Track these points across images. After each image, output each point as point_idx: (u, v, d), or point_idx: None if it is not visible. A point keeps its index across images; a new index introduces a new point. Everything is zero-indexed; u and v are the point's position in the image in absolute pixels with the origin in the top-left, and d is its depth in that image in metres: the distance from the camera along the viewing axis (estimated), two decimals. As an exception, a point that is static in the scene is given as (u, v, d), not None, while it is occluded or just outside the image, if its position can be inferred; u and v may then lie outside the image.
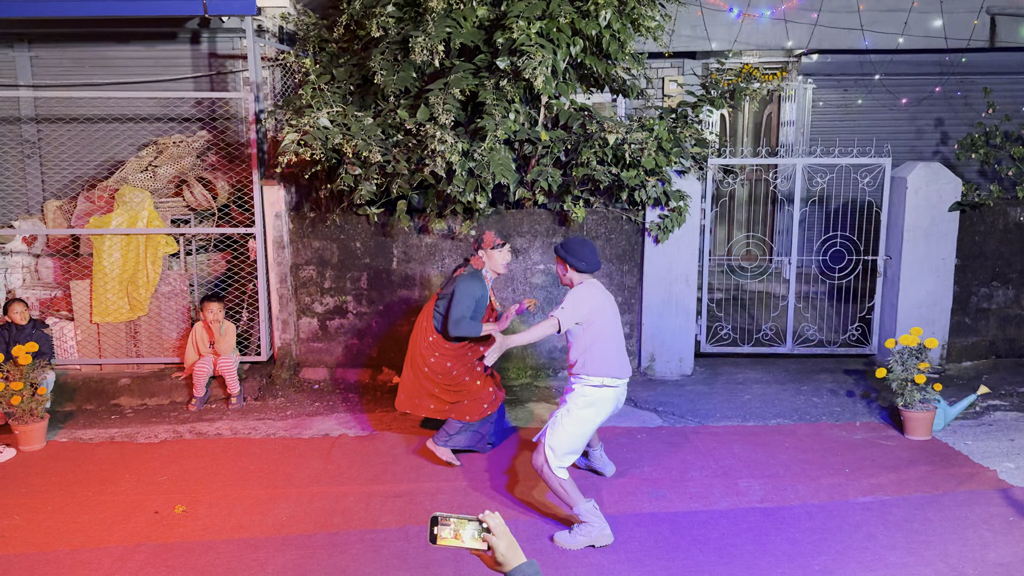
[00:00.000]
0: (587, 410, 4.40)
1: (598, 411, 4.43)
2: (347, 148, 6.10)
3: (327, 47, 7.17)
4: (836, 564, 4.03)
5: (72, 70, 7.69)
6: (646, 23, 6.49)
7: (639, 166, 6.51)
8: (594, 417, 4.42)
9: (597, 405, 4.42)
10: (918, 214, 7.09)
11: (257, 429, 6.01)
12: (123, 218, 6.65)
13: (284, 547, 4.25)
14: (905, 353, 5.71)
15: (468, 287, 5.02)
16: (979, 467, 5.17)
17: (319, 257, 7.00)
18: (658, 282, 6.99)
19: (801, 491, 4.86)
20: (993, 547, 4.17)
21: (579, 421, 4.37)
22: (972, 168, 8.99)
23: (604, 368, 4.40)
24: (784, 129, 9.44)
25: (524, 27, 5.96)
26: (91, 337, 6.78)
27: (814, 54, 9.15)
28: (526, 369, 7.10)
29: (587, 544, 4.24)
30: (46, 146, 7.77)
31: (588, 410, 4.40)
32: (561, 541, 4.27)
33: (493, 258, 5.13)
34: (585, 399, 4.41)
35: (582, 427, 4.38)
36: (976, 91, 9.04)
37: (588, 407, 4.40)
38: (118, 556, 4.16)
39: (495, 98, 6.23)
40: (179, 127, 7.75)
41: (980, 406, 6.33)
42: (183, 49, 7.70)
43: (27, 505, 4.76)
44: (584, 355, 4.42)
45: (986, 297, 7.55)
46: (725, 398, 6.58)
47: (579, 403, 4.40)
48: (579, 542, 4.25)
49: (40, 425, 5.69)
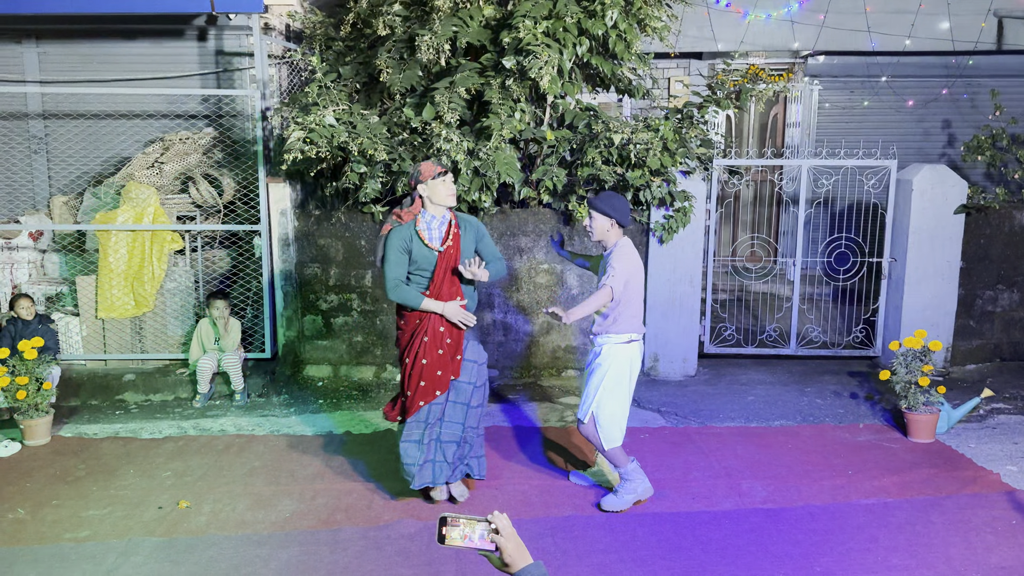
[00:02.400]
0: (623, 367, 4.53)
1: (632, 366, 4.58)
2: (352, 146, 6.11)
3: (333, 45, 7.18)
4: (838, 566, 4.03)
5: (80, 66, 7.71)
6: (652, 23, 6.49)
7: (644, 166, 6.51)
8: (630, 374, 4.58)
9: (631, 360, 4.57)
10: (923, 216, 7.08)
11: (261, 425, 6.03)
12: (129, 214, 6.67)
13: (287, 543, 4.26)
14: (909, 355, 5.70)
15: (389, 240, 4.36)
16: (982, 470, 5.17)
17: (324, 255, 7.02)
18: (662, 283, 6.99)
19: (804, 492, 4.86)
20: (996, 550, 4.17)
21: (618, 381, 4.52)
22: (978, 171, 8.97)
23: (630, 325, 4.54)
24: (790, 130, 9.43)
25: (530, 27, 5.97)
26: (96, 332, 6.80)
27: (820, 55, 9.14)
28: (529, 368, 7.10)
29: (634, 500, 4.61)
30: (53, 142, 7.79)
31: (624, 367, 4.53)
32: (610, 505, 4.58)
33: (436, 192, 4.33)
34: (617, 358, 4.53)
35: (622, 386, 4.54)
36: (983, 94, 9.02)
37: (623, 364, 4.53)
38: (122, 551, 4.18)
39: (501, 97, 6.23)
40: (185, 124, 7.77)
41: (984, 409, 6.32)
42: (190, 46, 7.72)
43: (32, 499, 4.79)
44: (615, 314, 4.51)
45: (991, 300, 7.53)
46: (728, 399, 6.58)
47: (613, 365, 4.52)
48: (626, 501, 4.59)
49: (45, 420, 5.71)
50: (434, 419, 4.47)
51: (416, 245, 4.35)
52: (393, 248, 4.33)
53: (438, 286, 4.38)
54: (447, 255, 4.37)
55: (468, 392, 4.53)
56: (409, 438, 4.46)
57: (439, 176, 4.32)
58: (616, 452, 4.59)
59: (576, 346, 7.12)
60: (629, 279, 4.49)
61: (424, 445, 4.47)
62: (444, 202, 4.35)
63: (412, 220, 4.39)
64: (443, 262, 4.36)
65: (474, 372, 4.54)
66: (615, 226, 4.52)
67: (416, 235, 4.35)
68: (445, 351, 4.41)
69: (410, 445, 4.46)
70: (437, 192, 4.32)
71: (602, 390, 4.52)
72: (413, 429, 4.46)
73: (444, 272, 4.37)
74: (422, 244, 4.35)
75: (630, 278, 4.49)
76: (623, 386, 4.56)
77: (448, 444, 4.52)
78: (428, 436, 4.47)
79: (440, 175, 4.32)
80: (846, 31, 8.73)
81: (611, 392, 4.52)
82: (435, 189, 4.32)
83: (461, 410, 4.53)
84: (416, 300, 4.34)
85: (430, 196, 4.34)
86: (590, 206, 4.52)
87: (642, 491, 4.63)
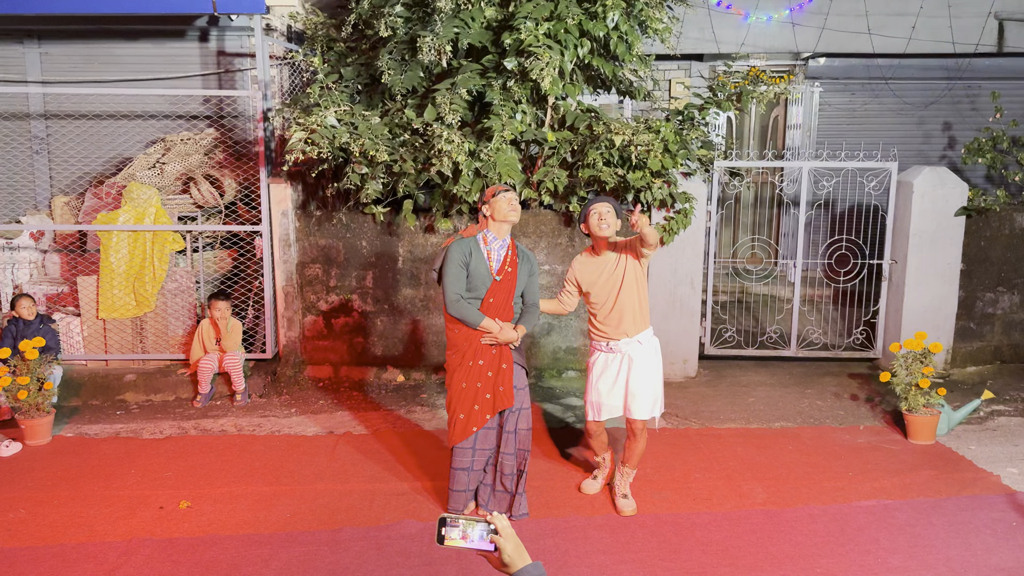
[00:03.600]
0: (660, 358, 4.71)
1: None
2: (354, 147, 6.12)
3: (335, 46, 7.19)
4: (839, 567, 4.03)
5: (81, 67, 7.73)
6: (654, 25, 6.50)
7: (645, 168, 6.51)
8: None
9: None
10: (924, 219, 7.09)
11: (261, 426, 6.03)
12: (130, 215, 6.68)
13: (288, 543, 4.27)
14: (909, 357, 5.71)
15: (449, 252, 4.38)
16: (982, 472, 5.17)
17: (325, 255, 7.03)
18: (663, 284, 6.99)
19: (804, 494, 4.86)
20: (996, 552, 4.17)
21: (660, 370, 4.69)
22: (979, 173, 8.97)
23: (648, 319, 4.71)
24: (790, 132, 9.44)
25: (532, 28, 5.98)
26: (97, 333, 6.81)
27: (821, 57, 9.15)
28: (530, 369, 7.11)
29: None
30: (55, 142, 7.80)
31: (660, 358, 4.71)
32: (629, 509, 4.63)
33: (498, 208, 4.38)
34: (657, 350, 4.68)
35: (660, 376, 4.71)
36: (983, 96, 9.03)
37: (658, 355, 4.70)
38: (123, 551, 4.18)
39: (502, 98, 6.24)
40: (187, 124, 7.78)
41: (984, 411, 6.32)
42: (192, 47, 7.73)
43: (33, 499, 4.79)
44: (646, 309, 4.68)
45: (991, 302, 7.54)
46: (729, 400, 6.58)
47: (657, 356, 4.67)
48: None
49: (46, 420, 5.72)
50: (488, 445, 4.48)
51: (475, 260, 4.36)
52: (453, 262, 4.34)
53: (492, 309, 4.38)
54: (504, 282, 4.40)
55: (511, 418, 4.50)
56: (460, 465, 4.48)
57: (500, 193, 4.39)
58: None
59: (577, 347, 7.12)
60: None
61: (472, 473, 4.49)
62: (506, 217, 4.37)
63: (474, 236, 4.44)
64: (497, 287, 4.39)
65: (516, 397, 4.49)
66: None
67: (476, 250, 4.38)
68: (499, 375, 4.40)
69: (460, 472, 4.49)
70: (499, 208, 4.36)
71: (660, 386, 4.66)
72: (461, 457, 4.47)
73: (500, 297, 4.39)
74: (482, 260, 4.38)
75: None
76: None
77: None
78: (476, 464, 4.48)
79: (502, 192, 4.39)
80: (847, 33, 8.74)
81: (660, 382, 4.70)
82: (497, 206, 4.37)
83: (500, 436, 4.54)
84: (476, 318, 4.32)
85: (492, 213, 4.39)
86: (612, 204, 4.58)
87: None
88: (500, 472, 4.51)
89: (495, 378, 4.39)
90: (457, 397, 4.42)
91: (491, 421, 4.43)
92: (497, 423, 4.48)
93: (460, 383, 4.41)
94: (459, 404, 4.41)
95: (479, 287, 4.36)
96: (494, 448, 4.50)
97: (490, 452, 4.50)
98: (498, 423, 4.48)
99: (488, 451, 4.48)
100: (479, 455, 4.46)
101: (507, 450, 4.47)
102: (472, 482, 4.50)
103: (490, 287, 4.37)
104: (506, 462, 4.49)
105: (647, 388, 4.55)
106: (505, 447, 4.47)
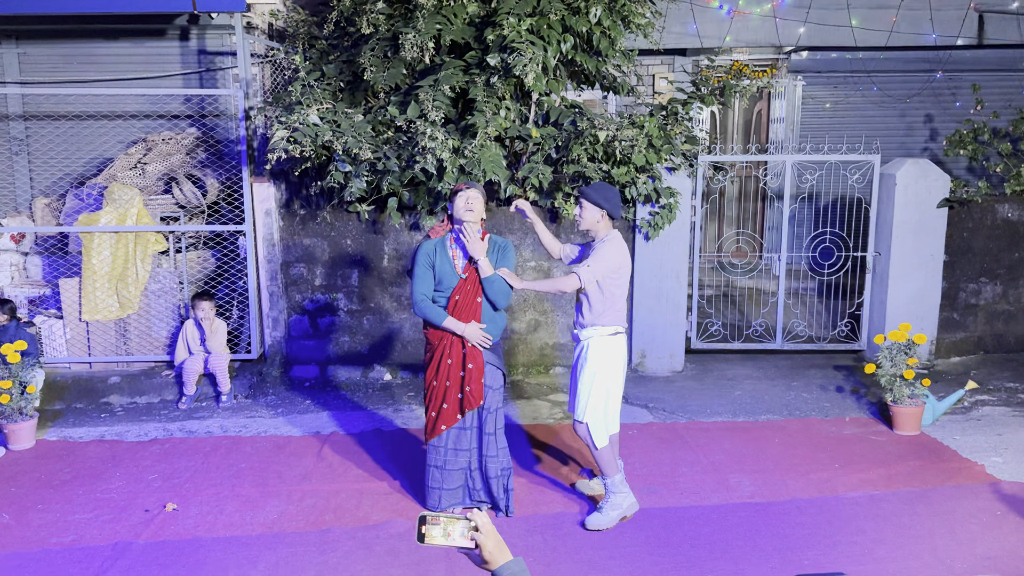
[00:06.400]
0: (611, 361, 4.41)
1: (620, 359, 4.47)
2: (337, 145, 6.08)
3: (317, 44, 7.15)
4: (826, 558, 4.05)
5: (60, 67, 7.65)
6: (636, 20, 6.50)
7: (629, 163, 6.52)
8: (619, 366, 4.46)
9: (618, 353, 4.45)
10: (907, 210, 7.13)
11: (247, 427, 6.00)
12: (112, 216, 6.62)
13: (275, 545, 4.24)
14: (894, 349, 5.74)
15: (416, 254, 4.46)
16: (967, 462, 5.21)
17: (309, 254, 6.99)
18: (648, 279, 7.01)
19: (791, 486, 4.88)
20: (981, 541, 4.20)
21: (608, 376, 4.41)
22: (961, 165, 9.04)
23: (616, 317, 4.44)
24: (774, 126, 9.47)
25: (515, 24, 5.96)
26: (80, 335, 6.75)
27: (804, 51, 9.18)
28: (517, 366, 7.11)
29: (620, 517, 4.41)
30: (34, 143, 7.72)
31: (612, 361, 4.42)
32: (595, 524, 4.37)
33: (455, 207, 4.37)
34: (607, 352, 4.41)
35: (613, 381, 4.44)
36: (965, 88, 9.10)
37: (615, 358, 4.43)
38: (108, 555, 4.15)
39: (486, 95, 6.23)
40: (168, 124, 7.72)
41: (968, 401, 6.37)
42: (172, 46, 7.67)
43: (17, 504, 4.74)
44: (601, 308, 4.40)
45: (974, 293, 7.60)
46: (715, 394, 6.61)
47: (604, 359, 4.41)
48: (612, 518, 4.39)
49: (29, 424, 5.66)
50: (464, 446, 4.47)
51: (440, 260, 4.39)
52: (419, 263, 4.41)
53: (458, 309, 4.38)
54: (470, 280, 4.38)
55: (480, 417, 4.48)
56: (433, 463, 4.50)
57: (459, 192, 4.36)
58: (606, 455, 4.42)
59: (563, 343, 7.13)
60: (616, 279, 4.41)
61: (446, 472, 4.48)
62: (462, 216, 4.33)
63: (441, 237, 4.49)
64: (463, 285, 4.38)
65: (487, 396, 4.46)
66: (605, 217, 4.42)
67: (442, 250, 4.40)
68: (467, 374, 4.40)
69: (433, 470, 4.50)
70: (456, 207, 4.36)
71: (596, 386, 4.40)
72: (434, 454, 4.49)
73: (464, 296, 4.38)
74: (447, 260, 4.39)
75: (617, 277, 4.42)
76: (617, 381, 4.48)
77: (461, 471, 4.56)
78: (450, 463, 4.47)
79: (462, 190, 4.36)
80: (829, 27, 8.77)
81: (604, 388, 4.42)
82: (455, 205, 4.37)
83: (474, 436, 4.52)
84: (439, 317, 4.36)
85: (452, 212, 4.40)
86: (581, 195, 4.42)
87: (627, 507, 4.46)
88: (485, 475, 4.51)
89: (465, 377, 4.39)
90: (430, 394, 4.47)
91: (466, 422, 4.44)
92: (474, 424, 4.47)
93: (431, 381, 4.46)
94: (431, 402, 4.46)
95: (447, 286, 4.39)
96: (474, 450, 4.50)
97: (468, 453, 4.49)
98: (476, 424, 4.47)
99: (465, 452, 4.48)
100: (452, 455, 4.45)
101: (489, 452, 4.47)
102: (448, 481, 4.48)
103: (456, 285, 4.38)
104: (489, 464, 4.48)
105: (579, 386, 4.49)
106: (487, 449, 4.47)
